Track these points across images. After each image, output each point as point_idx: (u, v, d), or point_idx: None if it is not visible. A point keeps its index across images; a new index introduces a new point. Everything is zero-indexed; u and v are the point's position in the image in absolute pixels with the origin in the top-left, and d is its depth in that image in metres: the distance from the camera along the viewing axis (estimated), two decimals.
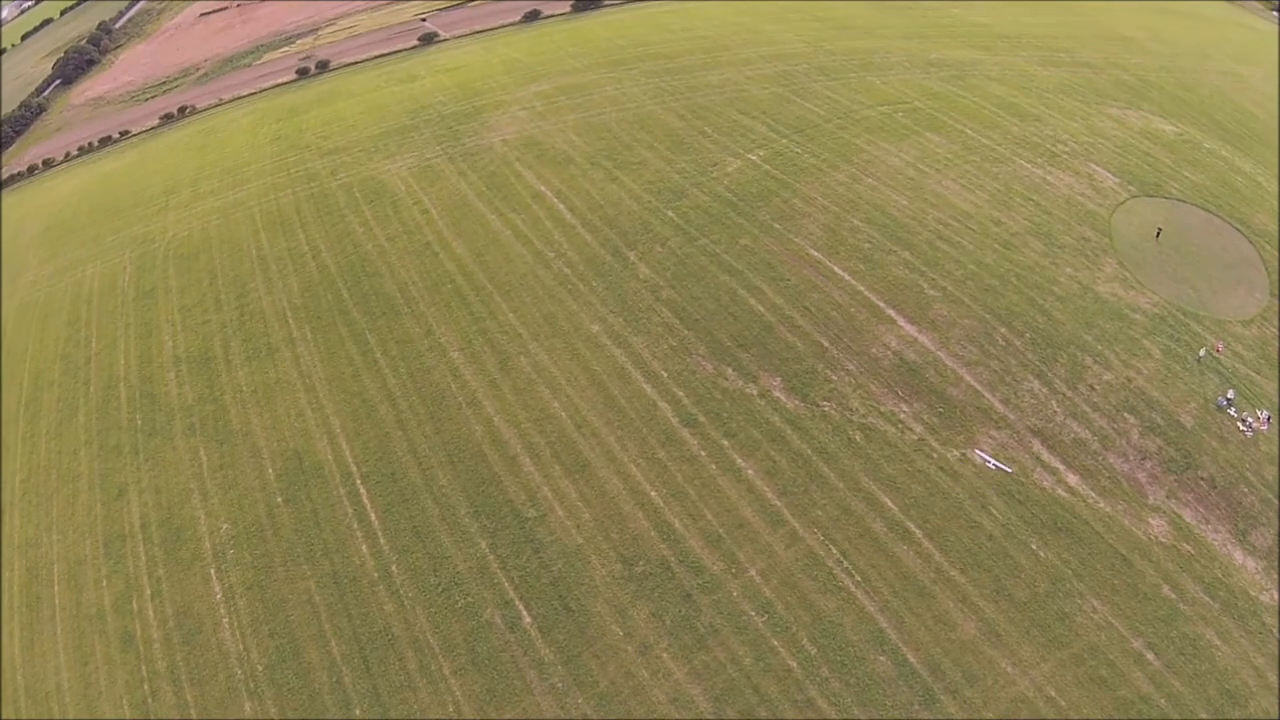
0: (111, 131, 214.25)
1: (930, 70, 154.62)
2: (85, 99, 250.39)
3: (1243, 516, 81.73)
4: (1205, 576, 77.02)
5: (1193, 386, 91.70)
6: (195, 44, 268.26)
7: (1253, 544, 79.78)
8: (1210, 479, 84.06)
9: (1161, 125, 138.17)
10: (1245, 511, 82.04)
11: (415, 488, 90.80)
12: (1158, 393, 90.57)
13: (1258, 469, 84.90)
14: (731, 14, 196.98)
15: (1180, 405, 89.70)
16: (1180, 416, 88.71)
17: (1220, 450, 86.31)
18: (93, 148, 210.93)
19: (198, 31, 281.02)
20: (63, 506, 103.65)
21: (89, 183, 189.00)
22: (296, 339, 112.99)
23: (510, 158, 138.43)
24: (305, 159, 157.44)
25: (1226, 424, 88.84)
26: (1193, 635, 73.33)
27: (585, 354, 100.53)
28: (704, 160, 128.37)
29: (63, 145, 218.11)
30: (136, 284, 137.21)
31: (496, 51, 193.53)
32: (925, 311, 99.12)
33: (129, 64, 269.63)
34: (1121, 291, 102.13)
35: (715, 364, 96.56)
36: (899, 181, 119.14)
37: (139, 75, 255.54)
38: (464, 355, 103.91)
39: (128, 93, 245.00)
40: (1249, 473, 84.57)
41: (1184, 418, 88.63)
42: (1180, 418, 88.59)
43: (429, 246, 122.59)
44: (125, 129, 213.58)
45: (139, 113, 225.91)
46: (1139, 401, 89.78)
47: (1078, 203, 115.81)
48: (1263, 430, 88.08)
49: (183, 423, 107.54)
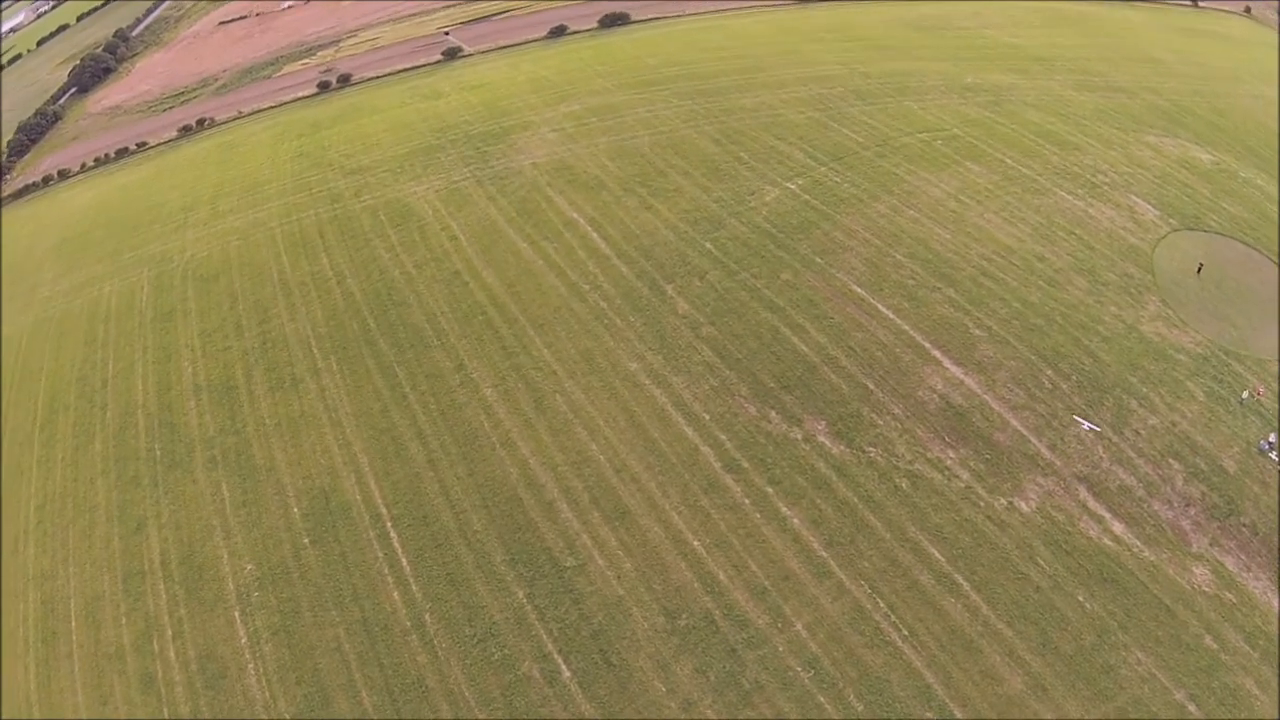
0: (128, 143, 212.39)
1: (967, 95, 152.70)
2: (102, 108, 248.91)
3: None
4: (1246, 625, 75.59)
5: (1235, 430, 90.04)
6: (214, 53, 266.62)
7: None
8: (1252, 525, 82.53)
9: (1198, 154, 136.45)
10: None
11: (448, 532, 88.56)
12: (1201, 437, 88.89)
13: None
14: (764, 33, 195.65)
15: (1223, 450, 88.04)
16: (1223, 461, 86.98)
17: (1262, 495, 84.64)
18: (109, 159, 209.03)
19: (216, 40, 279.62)
20: (79, 538, 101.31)
21: (106, 195, 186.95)
22: (321, 370, 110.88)
23: (541, 182, 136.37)
24: (328, 178, 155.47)
25: (1268, 468, 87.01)
26: (1233, 685, 71.89)
27: (624, 394, 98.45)
28: (741, 188, 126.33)
29: (78, 155, 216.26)
30: (154, 305, 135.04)
31: (523, 68, 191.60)
32: (971, 353, 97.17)
33: (146, 72, 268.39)
34: (1165, 331, 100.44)
35: (758, 406, 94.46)
36: (941, 214, 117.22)
37: (156, 84, 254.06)
38: (497, 392, 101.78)
39: (145, 102, 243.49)
40: None
41: (1227, 462, 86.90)
42: (1223, 462, 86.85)
43: (458, 275, 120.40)
44: (143, 140, 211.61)
45: (156, 124, 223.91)
46: (1183, 446, 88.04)
47: (1120, 237, 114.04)
48: None
49: (203, 455, 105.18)
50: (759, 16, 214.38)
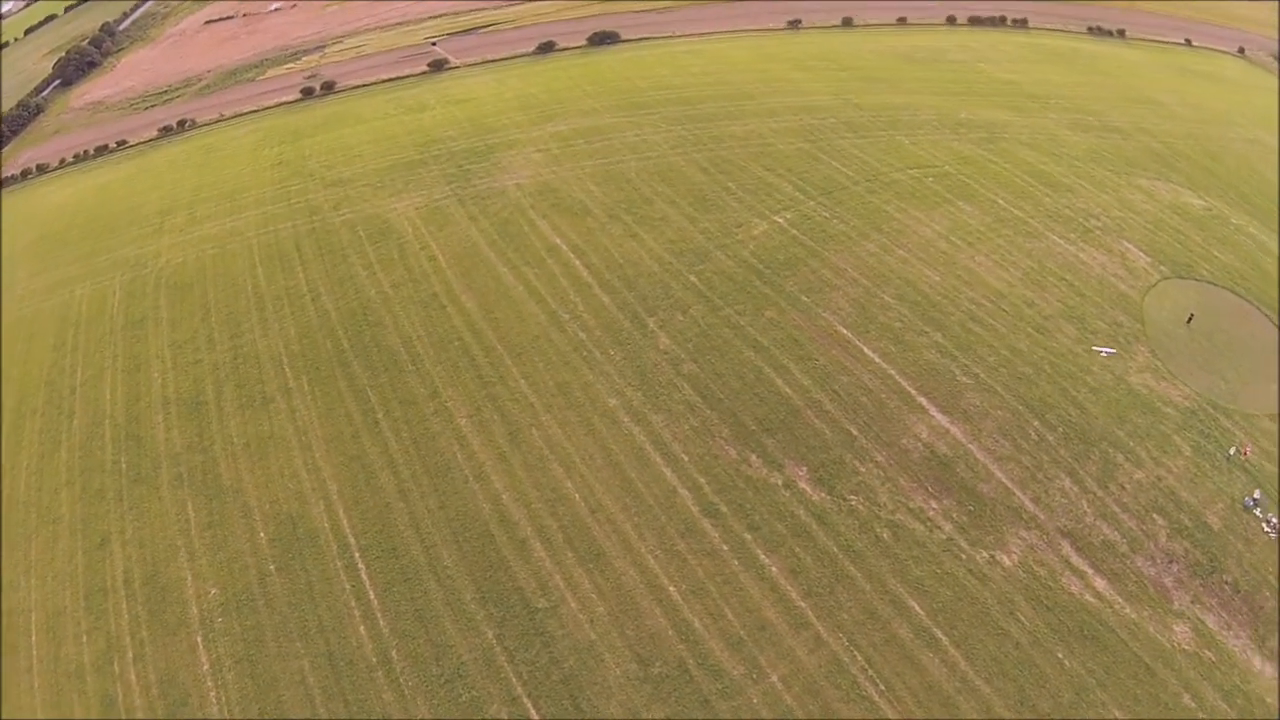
0: (109, 140, 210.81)
1: (960, 131, 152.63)
2: (85, 102, 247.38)
3: (1263, 622, 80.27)
4: (1225, 684, 75.61)
5: (1221, 486, 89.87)
6: (199, 52, 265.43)
7: (1271, 649, 78.54)
8: (1234, 583, 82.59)
9: (1191, 199, 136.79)
10: (1266, 617, 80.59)
11: (418, 566, 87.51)
12: (1187, 493, 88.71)
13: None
14: (755, 60, 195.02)
15: (1208, 506, 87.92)
16: (1208, 518, 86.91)
17: (1245, 553, 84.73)
18: (89, 156, 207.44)
19: (202, 40, 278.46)
20: (42, 549, 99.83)
21: (84, 193, 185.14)
22: (293, 389, 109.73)
23: (524, 204, 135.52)
24: (308, 189, 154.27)
25: (1252, 525, 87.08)
26: None
27: (601, 430, 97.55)
28: (728, 220, 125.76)
29: (59, 150, 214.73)
30: (126, 312, 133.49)
31: (509, 84, 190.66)
32: (957, 401, 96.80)
33: (130, 68, 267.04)
34: (1154, 383, 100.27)
35: (739, 449, 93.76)
36: (931, 255, 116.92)
37: (140, 81, 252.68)
38: (471, 423, 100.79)
39: (127, 99, 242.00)
40: (1272, 576, 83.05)
41: (1211, 519, 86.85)
42: (1208, 519, 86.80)
43: (436, 298, 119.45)
44: (123, 139, 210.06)
45: (138, 122, 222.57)
46: (1168, 502, 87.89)
47: (1110, 284, 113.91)
48: None
49: (170, 472, 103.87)
50: (747, 42, 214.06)
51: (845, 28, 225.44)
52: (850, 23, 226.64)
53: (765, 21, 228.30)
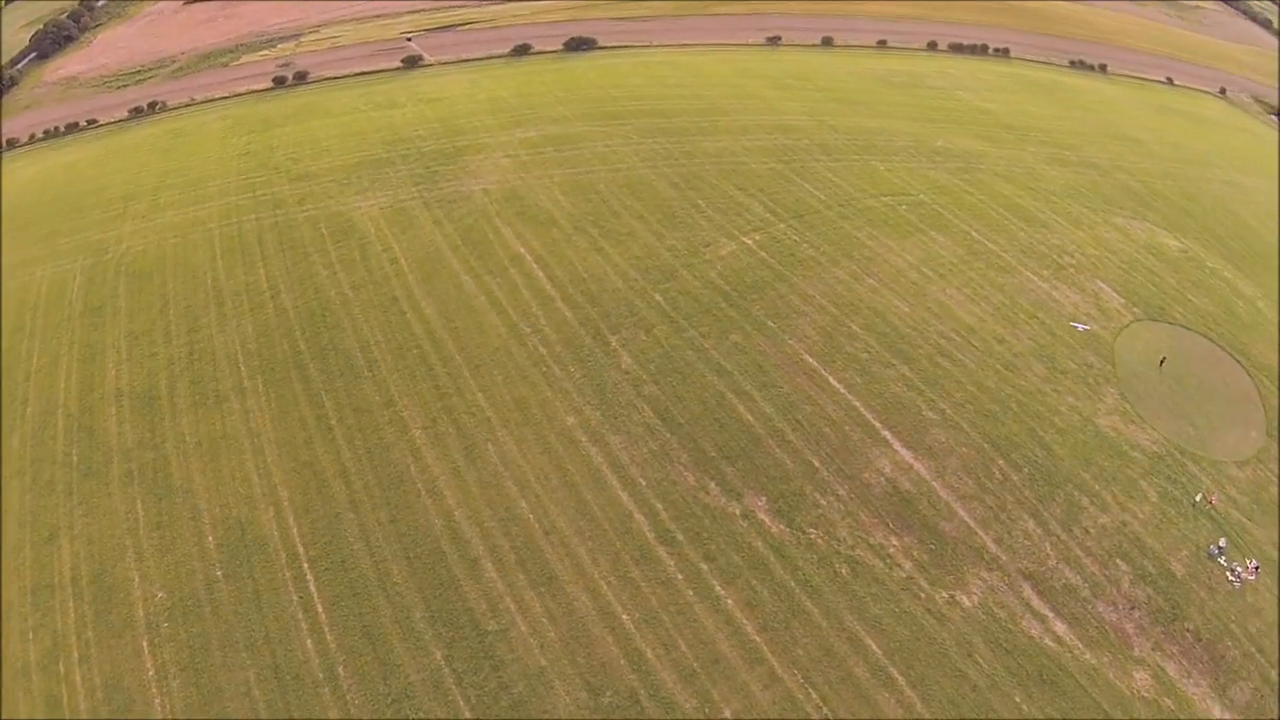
0: (80, 118, 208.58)
1: (936, 159, 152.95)
2: (59, 77, 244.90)
3: (1224, 670, 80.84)
4: None
5: (1186, 533, 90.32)
6: (175, 33, 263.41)
7: (1231, 699, 79.12)
8: (1196, 631, 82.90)
9: (1166, 240, 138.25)
10: (1227, 665, 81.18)
11: (367, 581, 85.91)
12: (1151, 539, 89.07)
13: (1242, 621, 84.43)
14: (732, 75, 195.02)
15: (1172, 552, 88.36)
16: (1172, 565, 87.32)
17: (1208, 601, 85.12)
18: (59, 133, 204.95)
19: (179, 20, 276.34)
20: None
21: (51, 172, 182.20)
22: (247, 389, 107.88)
23: (490, 211, 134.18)
24: (273, 181, 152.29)
25: (1216, 574, 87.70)
26: None
27: (558, 449, 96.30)
28: (696, 239, 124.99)
29: (29, 125, 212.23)
30: (85, 298, 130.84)
31: (482, 85, 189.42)
32: (922, 436, 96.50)
33: (106, 45, 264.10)
34: (1122, 426, 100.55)
35: (698, 475, 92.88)
36: (901, 285, 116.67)
37: (115, 59, 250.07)
38: (426, 435, 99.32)
39: (101, 77, 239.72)
40: (1233, 625, 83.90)
41: (1175, 566, 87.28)
42: (1171, 566, 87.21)
43: (396, 303, 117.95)
44: (93, 117, 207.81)
45: (110, 100, 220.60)
46: (1132, 547, 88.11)
47: (1082, 323, 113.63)
48: (1250, 580, 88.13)
49: (120, 468, 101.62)
50: (725, 56, 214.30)
51: (825, 47, 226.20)
52: (830, 42, 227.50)
53: (744, 36, 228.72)
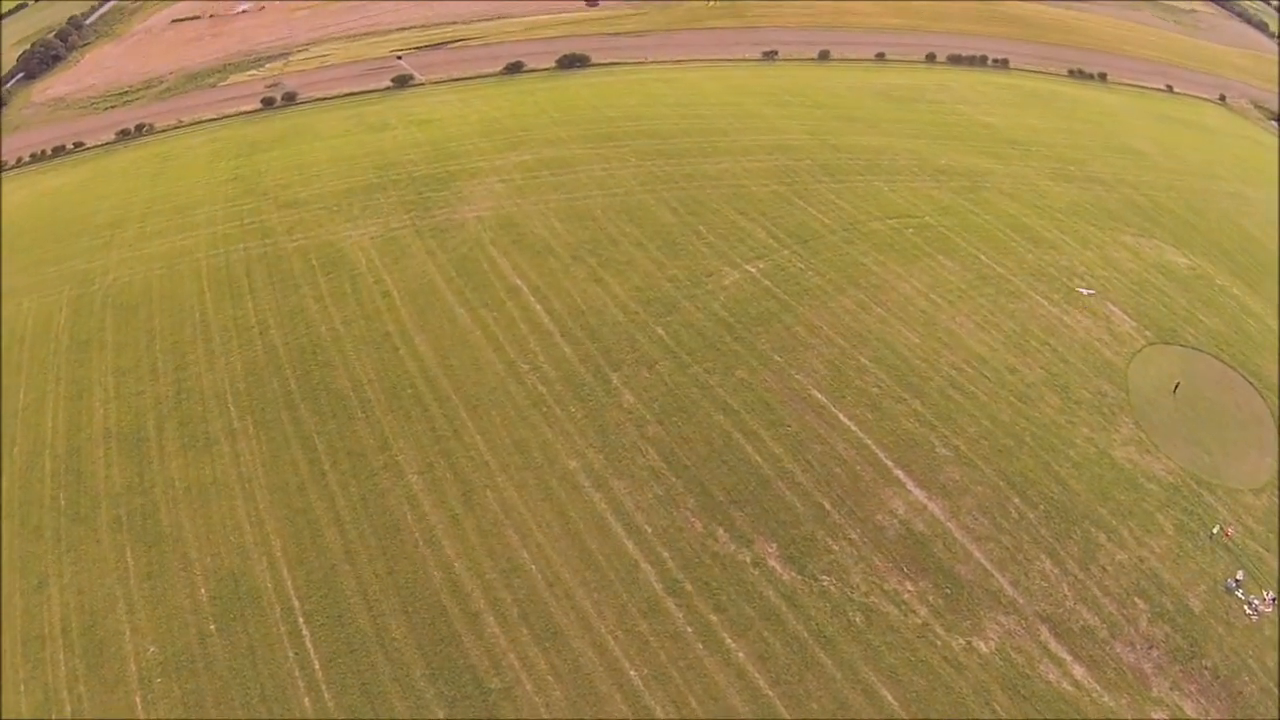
0: (67, 140, 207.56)
1: (940, 179, 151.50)
2: (47, 98, 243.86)
3: (1242, 706, 79.50)
4: None
5: (1203, 566, 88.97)
6: (163, 52, 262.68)
7: None
8: (1214, 668, 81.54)
9: (1175, 257, 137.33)
10: (1244, 701, 79.90)
11: (365, 636, 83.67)
12: (1169, 574, 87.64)
13: (1259, 656, 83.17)
14: (729, 93, 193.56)
15: (1190, 588, 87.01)
16: (1189, 600, 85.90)
17: (1226, 637, 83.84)
18: (46, 156, 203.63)
19: (167, 39, 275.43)
20: None
21: (38, 197, 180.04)
22: (237, 432, 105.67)
23: (484, 239, 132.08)
24: (261, 209, 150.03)
25: (1234, 607, 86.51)
26: None
27: (560, 495, 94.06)
28: (698, 268, 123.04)
29: (16, 148, 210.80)
30: (71, 331, 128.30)
31: (474, 106, 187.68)
32: (936, 475, 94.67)
33: (94, 65, 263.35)
34: (1138, 457, 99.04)
35: (705, 522, 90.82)
36: (910, 314, 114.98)
37: (103, 79, 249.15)
38: (423, 481, 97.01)
39: (89, 98, 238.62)
40: (1251, 660, 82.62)
41: (1193, 601, 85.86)
42: (1189, 601, 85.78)
43: (389, 338, 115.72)
44: (80, 140, 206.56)
45: (97, 123, 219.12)
46: (1150, 584, 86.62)
47: (1095, 349, 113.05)
48: (1267, 613, 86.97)
49: (109, 513, 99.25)
50: (721, 72, 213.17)
51: (822, 61, 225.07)
52: (827, 56, 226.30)
53: (739, 51, 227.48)
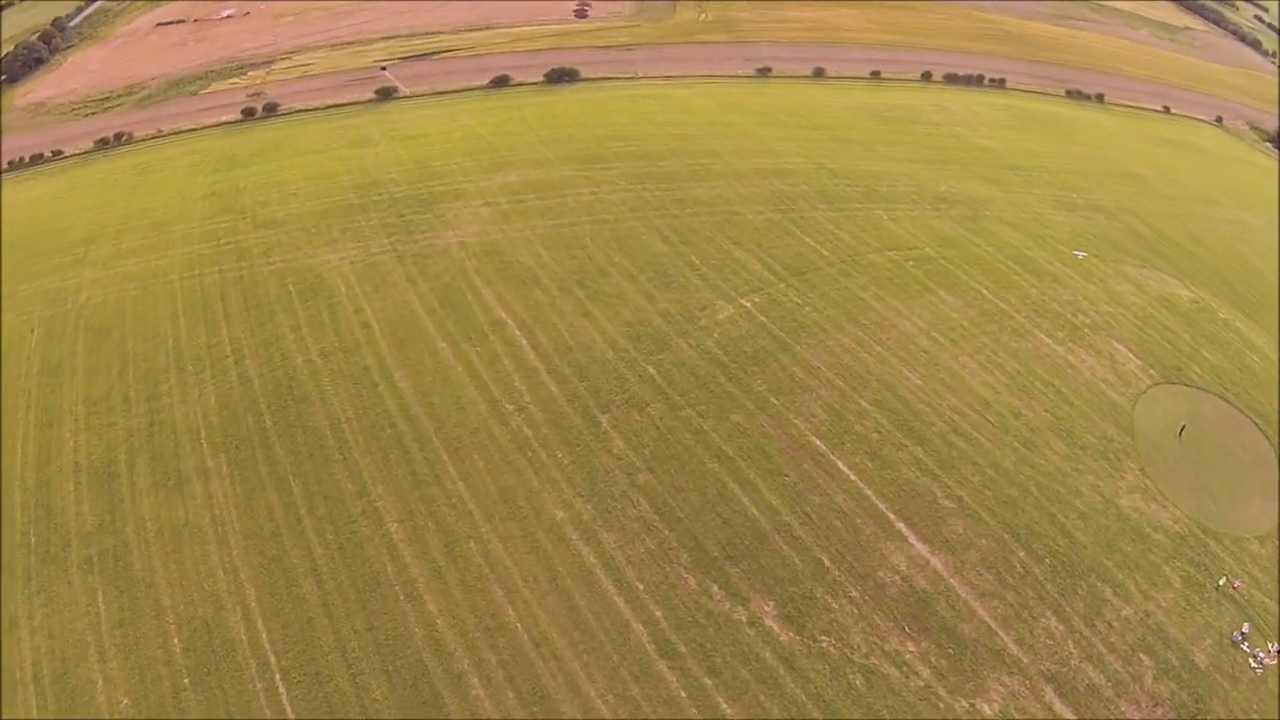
0: (46, 148, 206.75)
1: (940, 207, 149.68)
2: (28, 102, 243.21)
3: None
4: None
5: (1209, 619, 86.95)
6: (146, 57, 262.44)
7: None
8: None
9: (1178, 289, 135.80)
10: None
11: (344, 696, 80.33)
12: (1175, 628, 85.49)
13: (1264, 710, 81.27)
14: (721, 111, 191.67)
15: (1196, 642, 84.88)
16: (1195, 655, 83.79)
17: (1231, 691, 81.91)
18: (24, 164, 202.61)
19: (151, 42, 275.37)
20: None
21: (13, 208, 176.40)
22: (210, 470, 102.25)
23: (468, 267, 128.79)
24: (238, 228, 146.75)
25: (1239, 661, 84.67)
26: None
27: (547, 548, 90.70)
28: (691, 301, 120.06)
29: None
30: (43, 354, 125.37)
31: (460, 121, 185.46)
32: (939, 528, 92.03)
33: (76, 68, 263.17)
34: (1144, 505, 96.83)
35: (700, 578, 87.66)
36: (911, 353, 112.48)
37: (84, 83, 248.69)
38: (404, 530, 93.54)
39: (70, 103, 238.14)
40: (1255, 715, 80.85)
41: (1199, 656, 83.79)
42: (1195, 657, 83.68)
43: (368, 373, 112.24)
44: (59, 148, 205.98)
45: (76, 130, 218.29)
46: (1156, 640, 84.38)
47: (1100, 390, 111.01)
48: (1272, 665, 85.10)
49: (80, 553, 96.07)
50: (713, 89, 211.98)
51: (816, 79, 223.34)
52: (822, 74, 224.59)
53: (731, 67, 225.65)
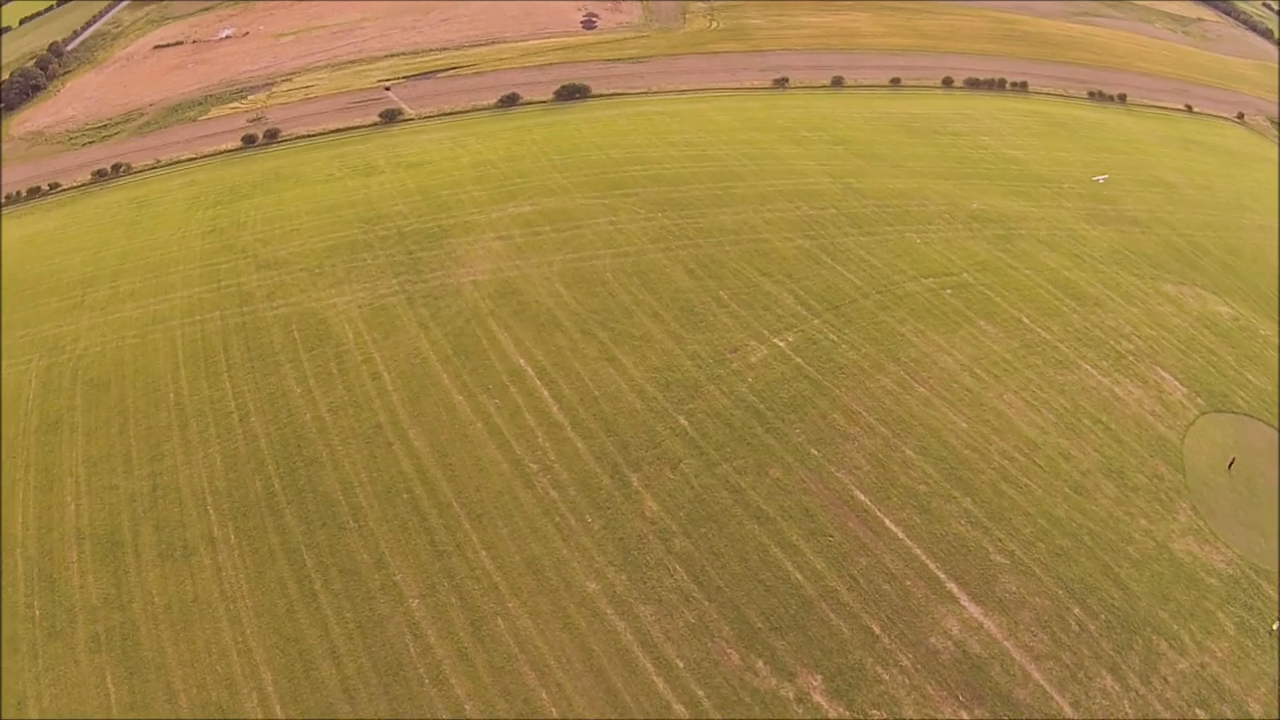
0: (43, 180, 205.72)
1: (974, 226, 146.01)
2: (25, 130, 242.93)
3: None
4: None
5: (1263, 667, 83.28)
6: (144, 81, 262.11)
7: None
8: None
9: (1217, 306, 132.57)
10: None
11: None
12: (1230, 679, 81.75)
13: None
14: (740, 127, 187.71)
15: (1250, 692, 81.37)
16: (1249, 705, 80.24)
17: None
18: (20, 198, 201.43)
19: (149, 66, 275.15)
20: None
21: (10, 246, 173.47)
22: (218, 540, 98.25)
23: (483, 309, 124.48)
24: (239, 269, 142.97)
25: None
26: None
27: (580, 624, 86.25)
28: (721, 342, 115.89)
29: None
30: (41, 409, 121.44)
31: (467, 145, 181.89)
32: (991, 586, 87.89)
33: (74, 95, 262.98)
34: (1196, 548, 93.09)
35: (743, 653, 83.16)
36: (955, 393, 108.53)
37: (82, 110, 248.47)
38: (425, 606, 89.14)
39: (67, 131, 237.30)
40: None
41: (1253, 706, 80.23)
42: (1249, 707, 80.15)
43: (380, 431, 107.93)
44: (56, 180, 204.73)
45: (73, 161, 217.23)
46: (1211, 693, 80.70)
47: (1148, 424, 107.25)
48: None
49: (86, 629, 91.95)
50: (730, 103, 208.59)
51: (835, 89, 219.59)
52: (840, 83, 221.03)
53: (747, 78, 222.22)
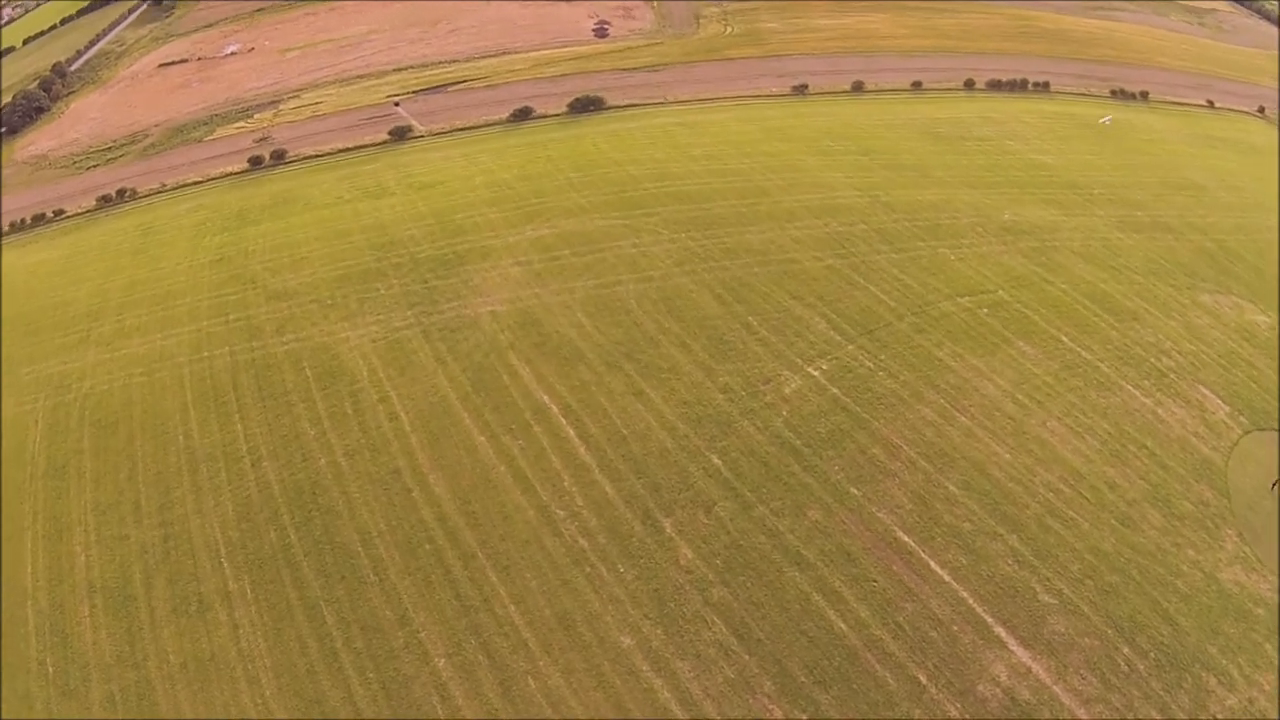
0: (47, 208, 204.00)
1: (1007, 239, 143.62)
2: (28, 155, 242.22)
3: None
4: None
5: None
6: (148, 101, 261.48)
7: None
8: None
9: (1254, 316, 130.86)
10: None
11: None
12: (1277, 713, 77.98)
13: None
14: (762, 139, 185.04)
15: None
16: None
17: None
18: (24, 225, 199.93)
19: (153, 85, 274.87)
20: None
21: (14, 278, 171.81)
22: (234, 595, 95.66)
23: (502, 342, 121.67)
24: (248, 300, 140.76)
25: None
26: None
27: (615, 682, 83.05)
28: (752, 372, 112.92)
29: None
30: (48, 452, 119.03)
31: (481, 164, 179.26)
32: (1040, 628, 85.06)
33: (78, 116, 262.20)
34: (1244, 578, 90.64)
35: (787, 709, 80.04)
36: (997, 421, 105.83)
37: (86, 132, 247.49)
38: (452, 665, 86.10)
39: (71, 154, 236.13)
40: None
41: None
42: None
43: (399, 476, 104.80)
44: (60, 207, 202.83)
45: (78, 185, 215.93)
46: None
47: (1192, 447, 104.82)
48: None
49: (100, 688, 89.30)
50: (750, 113, 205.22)
51: (856, 94, 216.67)
52: (861, 88, 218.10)
53: (765, 85, 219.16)
